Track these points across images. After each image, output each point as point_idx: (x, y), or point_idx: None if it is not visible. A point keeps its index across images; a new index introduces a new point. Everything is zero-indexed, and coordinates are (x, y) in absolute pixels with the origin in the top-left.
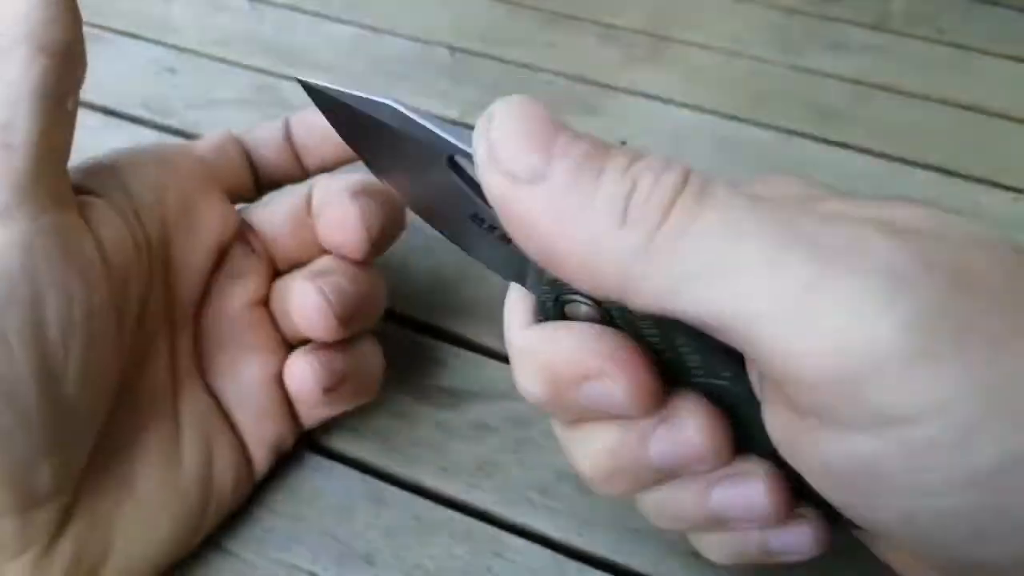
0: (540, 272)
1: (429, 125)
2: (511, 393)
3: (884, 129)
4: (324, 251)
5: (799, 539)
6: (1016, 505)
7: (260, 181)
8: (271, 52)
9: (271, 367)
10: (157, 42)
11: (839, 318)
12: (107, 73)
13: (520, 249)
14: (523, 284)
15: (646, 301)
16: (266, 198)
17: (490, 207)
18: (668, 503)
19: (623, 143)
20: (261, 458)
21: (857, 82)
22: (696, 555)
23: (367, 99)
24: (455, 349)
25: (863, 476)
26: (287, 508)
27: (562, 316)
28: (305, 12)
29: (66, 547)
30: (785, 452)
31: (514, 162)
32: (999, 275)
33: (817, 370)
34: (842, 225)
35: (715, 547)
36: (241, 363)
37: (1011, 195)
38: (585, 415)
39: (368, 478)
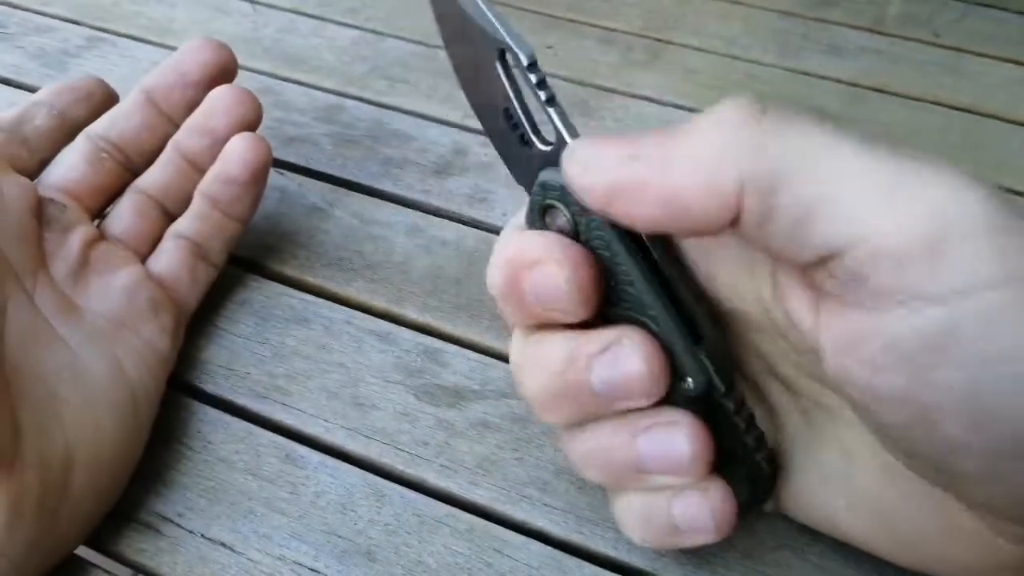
0: (536, 180)
1: (492, 18)
2: (512, 392)
3: (880, 131)
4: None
5: (700, 511)
6: None
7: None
8: (273, 55)
9: (134, 274)
10: (159, 45)
11: (933, 192)
12: (109, 76)
13: (530, 155)
14: (527, 190)
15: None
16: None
17: (517, 104)
18: (596, 449)
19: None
20: (162, 343)
21: (853, 85)
22: (694, 552)
23: None
24: (457, 348)
25: (930, 350)
26: (290, 506)
27: (543, 221)
28: (307, 15)
29: (29, 452)
30: (839, 353)
31: (603, 182)
32: None
33: (909, 242)
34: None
35: (630, 515)
36: (107, 283)
37: (1008, 196)
38: (534, 317)
39: (370, 476)
